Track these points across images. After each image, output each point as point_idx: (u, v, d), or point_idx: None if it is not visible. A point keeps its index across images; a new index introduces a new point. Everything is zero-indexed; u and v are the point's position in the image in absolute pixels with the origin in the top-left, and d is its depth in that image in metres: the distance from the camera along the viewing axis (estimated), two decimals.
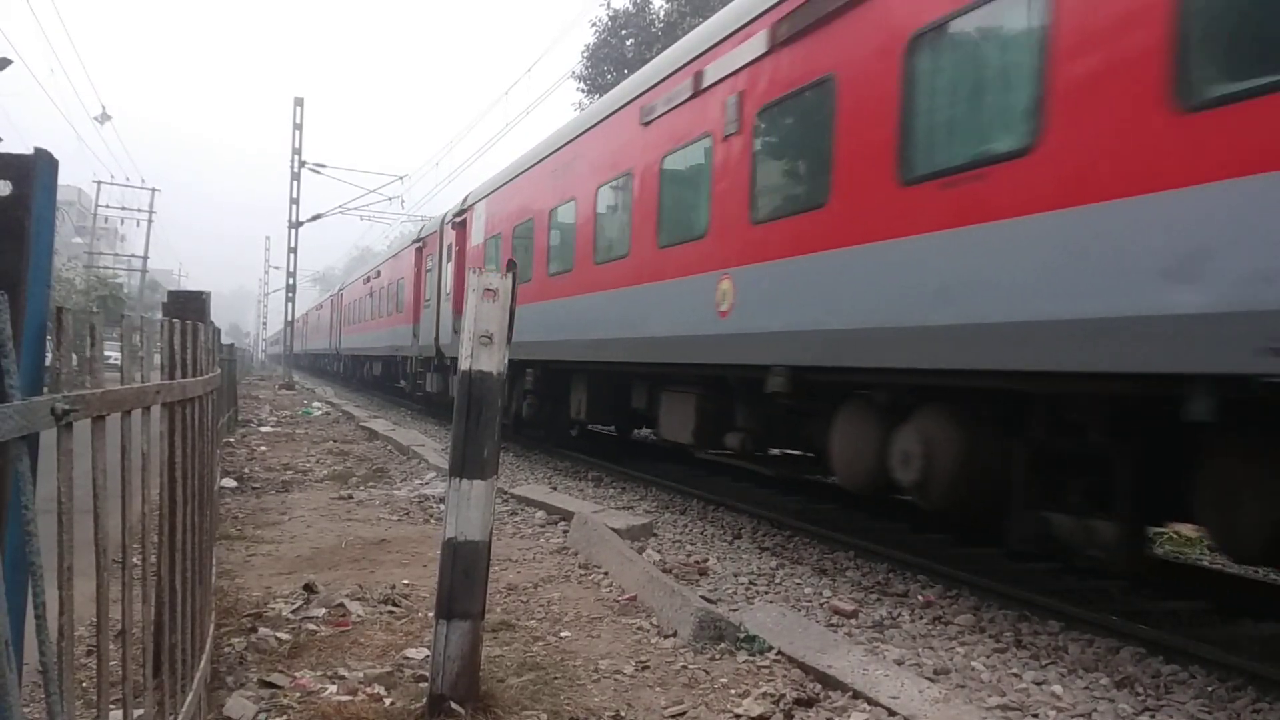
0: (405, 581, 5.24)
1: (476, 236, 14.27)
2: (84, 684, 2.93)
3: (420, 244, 19.35)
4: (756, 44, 6.49)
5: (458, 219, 15.56)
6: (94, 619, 1.78)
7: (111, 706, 1.84)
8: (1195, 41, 3.54)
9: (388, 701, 3.38)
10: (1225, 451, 4.18)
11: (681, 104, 7.62)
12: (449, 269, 15.94)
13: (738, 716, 3.40)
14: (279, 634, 4.11)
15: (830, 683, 3.71)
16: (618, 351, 8.75)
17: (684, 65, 7.69)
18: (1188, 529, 7.12)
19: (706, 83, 7.21)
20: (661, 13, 28.27)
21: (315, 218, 31.99)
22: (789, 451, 8.32)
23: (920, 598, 5.47)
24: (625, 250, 8.71)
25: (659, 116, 8.06)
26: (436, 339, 16.37)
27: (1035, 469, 4.94)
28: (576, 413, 10.98)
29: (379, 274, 25.47)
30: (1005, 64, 4.60)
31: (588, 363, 9.82)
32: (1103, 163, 3.90)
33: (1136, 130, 3.74)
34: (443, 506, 5.04)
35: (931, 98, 5.00)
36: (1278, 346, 3.21)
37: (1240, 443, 4.08)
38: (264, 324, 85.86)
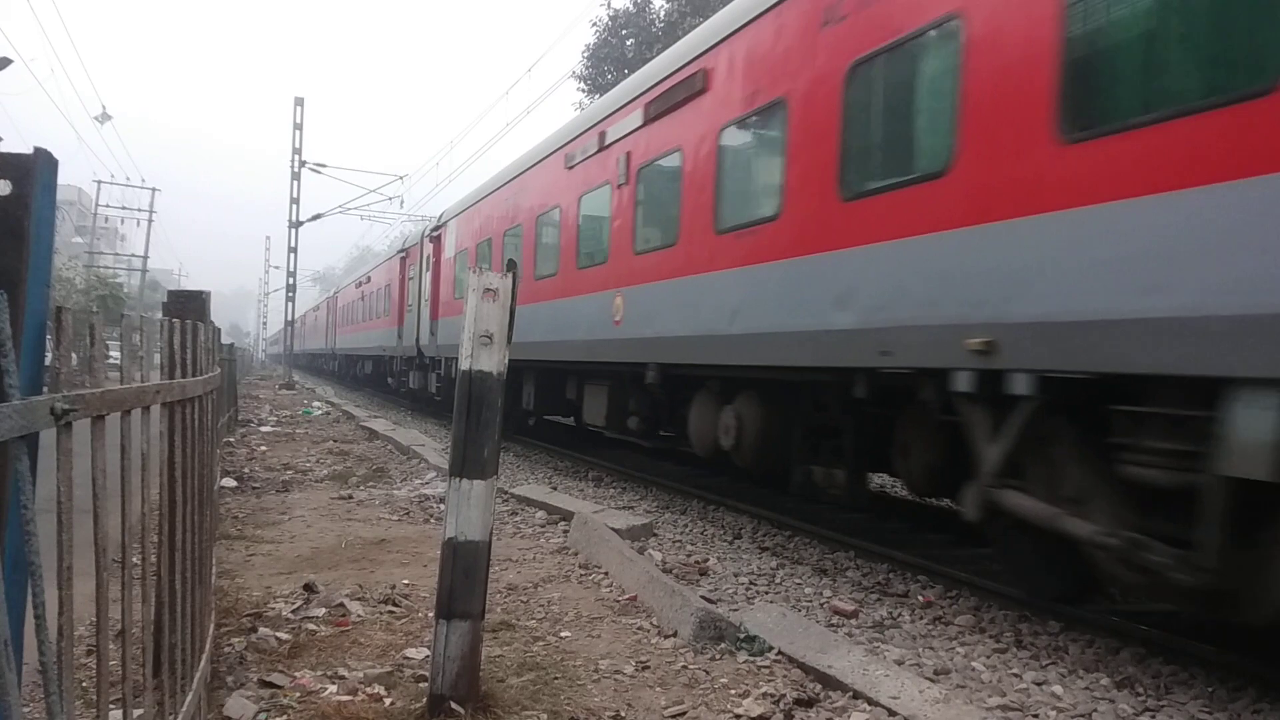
0: (405, 581, 5.24)
1: (449, 250, 16.43)
2: (84, 683, 2.93)
3: (404, 254, 21.21)
4: (637, 117, 8.56)
5: (434, 233, 17.66)
6: (94, 619, 1.78)
7: (111, 706, 1.84)
8: (849, 157, 5.59)
9: (388, 701, 3.38)
10: (904, 422, 6.01)
11: (592, 155, 9.66)
12: (427, 278, 17.89)
13: (738, 717, 3.40)
14: (279, 634, 4.11)
15: (830, 683, 3.71)
16: (551, 352, 10.70)
17: (594, 125, 9.68)
18: None
19: (608, 141, 9.22)
20: (662, 13, 28.28)
21: (315, 217, 31.96)
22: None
23: (920, 598, 5.47)
24: (555, 269, 10.72)
25: (578, 163, 10.08)
26: (417, 340, 18.29)
27: (805, 435, 7.15)
28: (526, 403, 12.94)
29: (369, 280, 27.37)
30: (766, 158, 6.62)
31: (533, 361, 11.54)
32: (809, 228, 5.96)
33: (824, 210, 5.79)
34: (443, 506, 5.03)
35: (732, 172, 7.06)
36: (885, 350, 5.15)
37: (911, 416, 5.92)
38: (264, 324, 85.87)
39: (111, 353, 2.07)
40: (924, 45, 5.09)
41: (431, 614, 3.57)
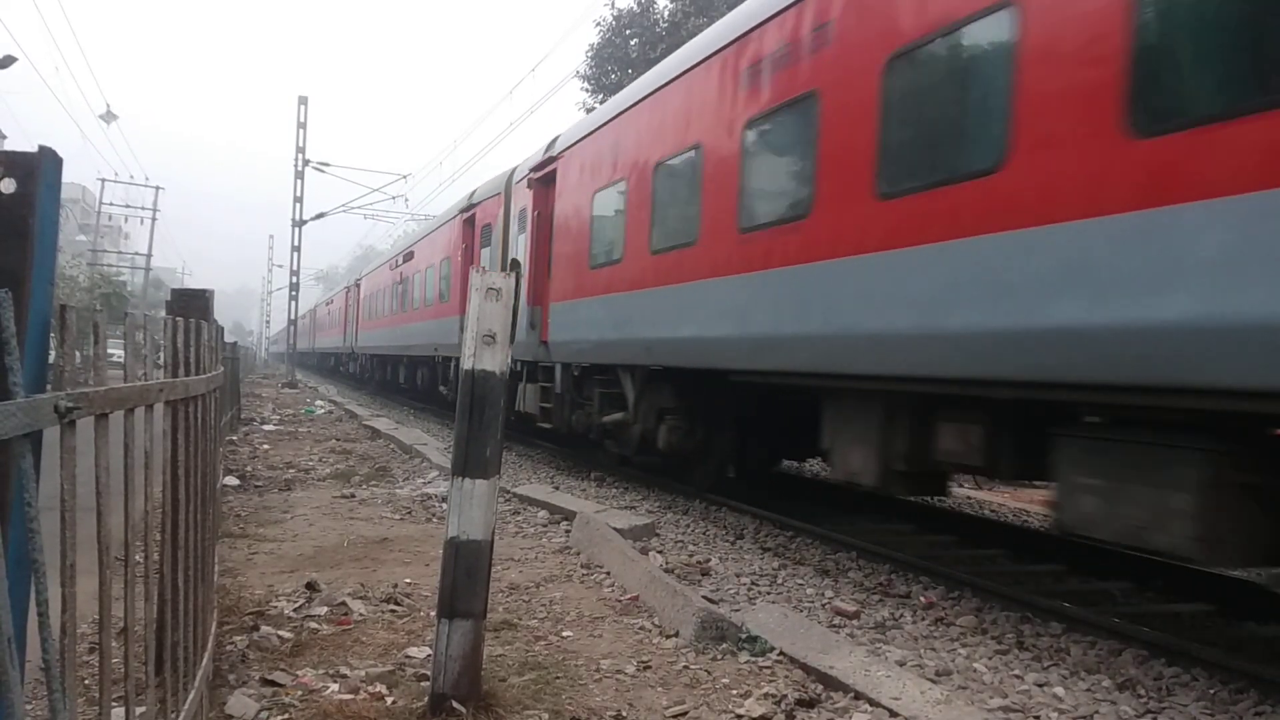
0: (407, 580, 5.24)
1: (365, 292, 29.50)
2: (86, 681, 2.94)
3: (348, 289, 34.96)
4: (402, 259, 22.70)
5: (358, 282, 31.67)
6: (96, 616, 1.78)
7: (113, 704, 1.84)
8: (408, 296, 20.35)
9: (389, 700, 3.38)
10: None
11: (396, 268, 23.07)
12: (355, 307, 31.67)
13: (739, 717, 3.40)
14: (281, 632, 4.11)
15: (832, 683, 3.70)
16: (379, 349, 25.97)
17: (397, 255, 23.88)
18: None
19: (397, 265, 23.03)
20: (666, 13, 28.23)
21: (319, 216, 32.00)
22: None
23: (922, 599, 5.46)
24: (385, 312, 24.23)
25: (395, 269, 23.14)
26: (352, 342, 31.77)
27: (440, 378, 17.42)
28: (405, 380, 23.13)
29: (332, 301, 41.31)
30: (422, 288, 19.83)
31: (375, 354, 27.35)
32: (415, 317, 20.75)
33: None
34: (445, 505, 5.04)
35: (419, 288, 20.17)
36: (444, 342, 16.47)
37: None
38: (267, 322, 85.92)
39: (113, 351, 2.07)
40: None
41: (433, 613, 3.57)
